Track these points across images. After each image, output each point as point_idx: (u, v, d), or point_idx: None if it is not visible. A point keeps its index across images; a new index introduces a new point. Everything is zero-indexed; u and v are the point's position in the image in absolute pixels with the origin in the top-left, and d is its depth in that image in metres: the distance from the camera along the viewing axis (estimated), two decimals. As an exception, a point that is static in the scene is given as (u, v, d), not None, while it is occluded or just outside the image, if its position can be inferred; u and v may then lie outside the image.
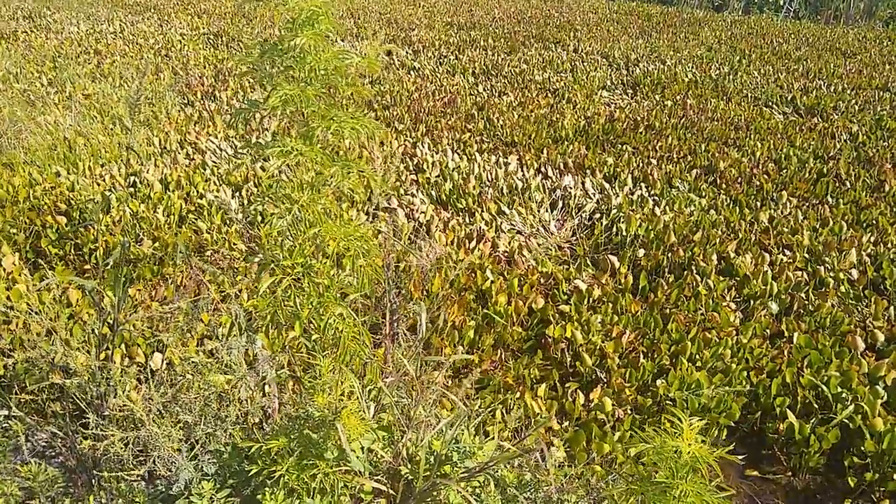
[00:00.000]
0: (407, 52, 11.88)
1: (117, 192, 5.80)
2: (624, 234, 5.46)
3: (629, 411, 3.72)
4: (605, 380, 3.93)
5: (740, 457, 3.64)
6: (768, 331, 4.33)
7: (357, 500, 2.26)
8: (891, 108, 8.91)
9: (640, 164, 6.88)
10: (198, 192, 5.92)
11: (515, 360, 4.08)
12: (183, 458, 2.14)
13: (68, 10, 14.73)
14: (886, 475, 3.40)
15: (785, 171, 6.77)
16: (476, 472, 2.16)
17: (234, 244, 5.15)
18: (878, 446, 3.44)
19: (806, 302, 4.57)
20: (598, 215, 5.90)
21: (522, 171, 6.71)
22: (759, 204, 6.08)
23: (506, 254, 5.17)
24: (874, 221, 5.72)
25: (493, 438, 3.04)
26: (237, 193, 5.99)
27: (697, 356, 4.03)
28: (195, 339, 3.50)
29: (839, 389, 3.76)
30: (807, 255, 5.16)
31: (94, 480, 2.55)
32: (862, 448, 3.48)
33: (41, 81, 9.18)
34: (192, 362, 2.54)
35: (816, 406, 3.75)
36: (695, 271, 4.89)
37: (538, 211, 5.95)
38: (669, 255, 5.10)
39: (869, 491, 3.45)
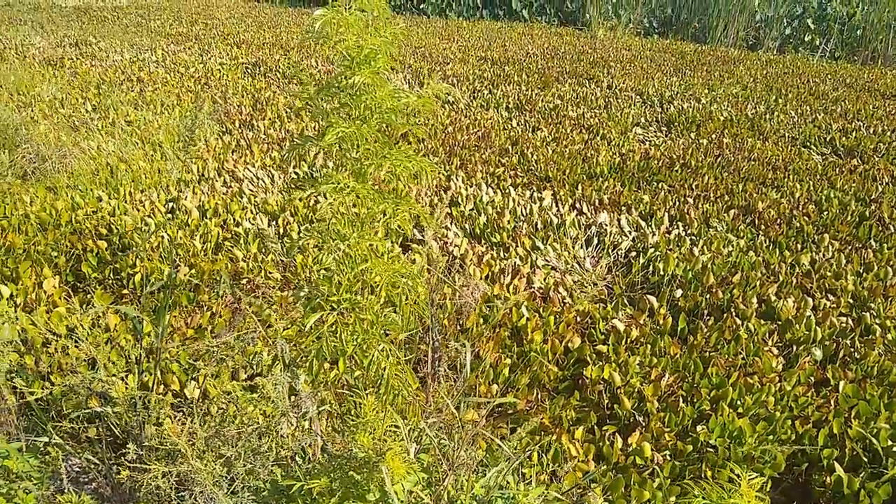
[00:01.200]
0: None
1: (156, 217, 5.88)
2: (661, 273, 5.38)
3: (668, 457, 3.62)
4: (643, 424, 3.83)
5: (785, 510, 3.51)
6: (812, 378, 4.21)
7: (397, 545, 2.21)
8: (933, 151, 8.75)
9: (677, 203, 6.81)
10: (234, 219, 5.98)
11: (551, 400, 4.00)
12: (223, 495, 2.11)
13: (112, 39, 15.18)
14: (942, 536, 3.25)
15: (826, 213, 6.65)
16: (521, 521, 2.10)
17: (270, 273, 5.18)
18: (932, 505, 3.30)
19: (851, 349, 4.44)
20: (633, 253, 5.83)
21: (557, 206, 6.69)
22: (799, 246, 5.97)
23: (541, 290, 5.12)
24: (920, 267, 5.57)
25: (530, 482, 2.98)
26: (273, 222, 6.04)
27: (739, 402, 3.92)
28: (230, 372, 3.50)
29: (889, 443, 3.62)
30: (851, 301, 5.03)
31: (130, 511, 2.53)
32: (915, 506, 3.34)
33: (85, 108, 9.42)
34: (234, 394, 2.53)
35: (865, 459, 3.61)
36: (734, 314, 4.79)
37: (573, 247, 5.90)
38: (708, 296, 5.01)
39: (923, 552, 3.30)
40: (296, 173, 7.39)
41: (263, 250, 5.58)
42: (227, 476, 2.26)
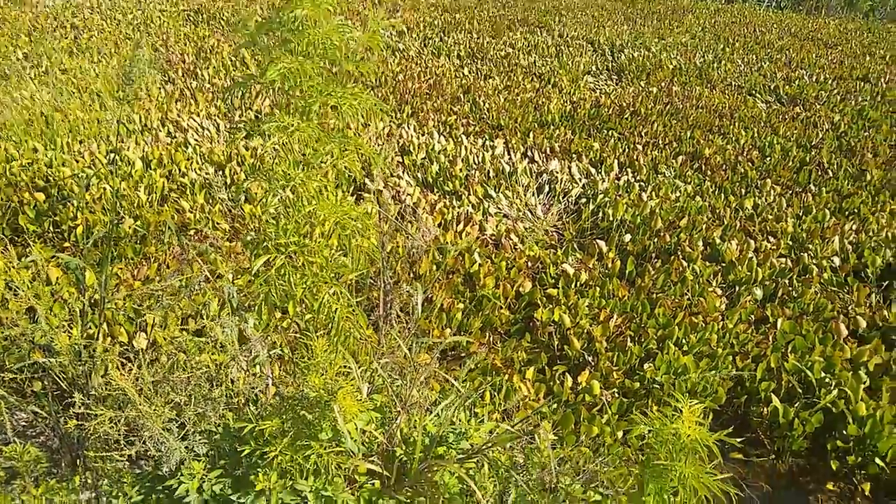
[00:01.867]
0: (391, 34, 11.73)
1: (97, 169, 5.67)
2: (611, 218, 5.47)
3: (617, 394, 3.74)
4: (592, 363, 3.94)
5: (723, 444, 3.67)
6: (753, 316, 4.37)
7: (351, 482, 2.24)
8: (872, 99, 9.00)
9: (626, 150, 6.88)
10: (180, 170, 5.81)
11: (503, 342, 4.07)
12: (174, 439, 2.09)
13: (43, -17, 14.32)
14: (868, 459, 3.46)
15: (769, 158, 6.82)
16: (473, 453, 2.15)
17: (218, 223, 5.07)
18: (860, 430, 3.50)
19: (790, 288, 4.62)
20: (584, 200, 5.89)
21: (509, 154, 6.69)
22: (743, 191, 6.12)
23: (493, 237, 5.15)
24: (856, 210, 5.79)
25: (484, 420, 3.04)
26: (220, 172, 5.89)
27: (684, 340, 4.06)
28: (180, 319, 3.44)
29: (823, 374, 3.81)
30: (790, 243, 5.20)
31: (79, 461, 2.50)
32: (844, 432, 3.53)
33: (16, 56, 8.93)
34: (181, 342, 2.49)
35: (800, 391, 3.79)
36: (681, 256, 4.91)
37: (525, 195, 5.93)
38: (656, 240, 5.12)
39: (851, 474, 3.51)
40: (242, 121, 7.19)
41: (211, 201, 5.45)
42: (178, 421, 2.24)
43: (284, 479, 2.14)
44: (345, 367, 2.24)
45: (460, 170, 6.14)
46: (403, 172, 6.16)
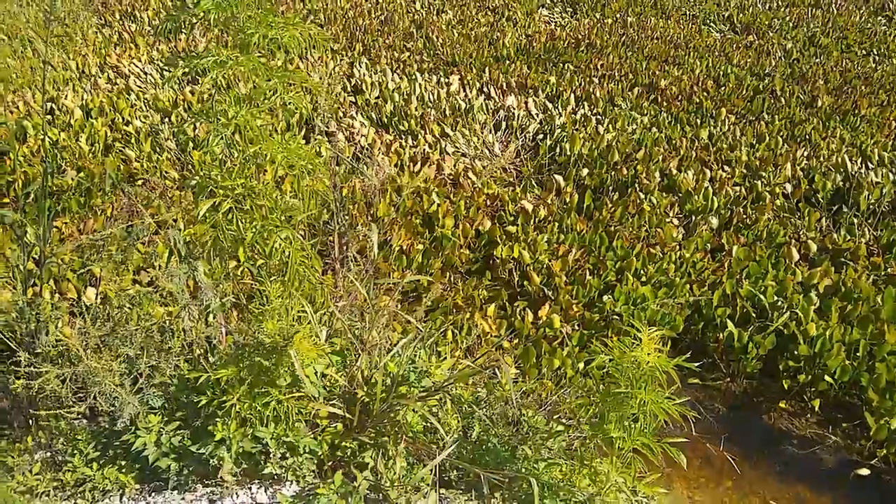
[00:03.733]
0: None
1: (33, 119, 5.38)
2: (568, 153, 5.43)
3: (577, 327, 3.78)
4: (552, 298, 3.96)
5: (681, 370, 3.77)
6: (709, 245, 4.43)
7: (313, 426, 2.22)
8: (822, 25, 9.02)
9: (582, 83, 6.80)
10: (123, 118, 5.56)
11: (464, 281, 4.06)
12: (126, 393, 2.04)
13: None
14: (817, 377, 3.58)
15: (723, 88, 6.82)
16: (434, 391, 2.14)
17: (167, 172, 4.89)
18: (810, 350, 3.61)
19: (744, 216, 4.69)
20: (541, 136, 5.83)
21: (465, 91, 6.55)
22: (699, 121, 6.12)
23: (451, 176, 5.08)
24: (807, 136, 5.85)
25: (446, 358, 3.04)
26: (167, 119, 5.65)
27: (642, 271, 4.10)
28: (131, 270, 3.33)
29: (775, 298, 3.90)
30: (745, 171, 5.25)
31: (31, 421, 2.43)
32: (796, 353, 3.64)
33: (-65, -1, 8.33)
34: (130, 294, 2.41)
35: (754, 315, 3.89)
36: (638, 189, 4.92)
37: (482, 132, 5.84)
38: (613, 173, 5.12)
39: (801, 392, 3.64)
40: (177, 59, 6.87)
41: (158, 149, 5.24)
42: (130, 375, 2.18)
43: (244, 427, 2.11)
44: (301, 311, 2.20)
45: (415, 108, 6.00)
46: (357, 112, 6.00)
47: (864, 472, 3.25)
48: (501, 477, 2.14)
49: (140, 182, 4.85)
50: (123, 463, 2.22)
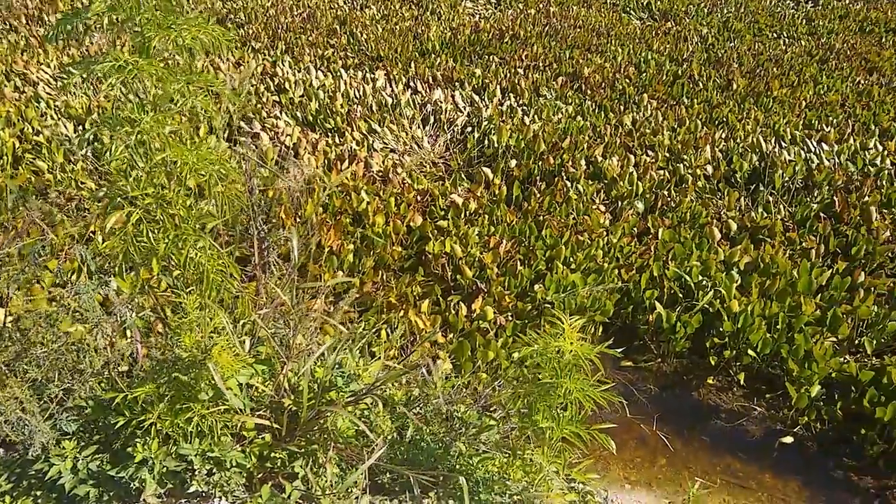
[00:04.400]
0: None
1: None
2: (496, 145, 5.46)
3: (510, 317, 3.80)
4: (485, 290, 3.97)
5: (618, 350, 3.84)
6: (636, 229, 4.53)
7: (240, 439, 2.16)
8: (736, 10, 9.34)
9: (508, 75, 6.85)
10: (33, 128, 5.29)
11: (397, 279, 4.03)
12: (38, 420, 1.93)
13: None
14: (742, 351, 3.71)
15: (644, 74, 6.98)
16: (362, 394, 2.11)
17: (83, 182, 4.68)
18: (734, 326, 3.73)
19: (668, 199, 4.80)
20: (469, 128, 5.84)
21: (391, 86, 6.50)
22: (622, 108, 6.25)
23: (380, 173, 5.03)
24: (724, 119, 6.05)
25: (379, 359, 3.01)
26: (80, 127, 5.41)
27: (572, 259, 4.16)
28: (45, 288, 3.17)
29: (700, 278, 4.01)
30: (667, 155, 5.39)
31: (-63, 455, 2.28)
32: (721, 329, 3.76)
33: None
34: (39, 314, 2.28)
35: (681, 295, 3.99)
36: (565, 177, 4.99)
37: (410, 127, 5.81)
38: (540, 163, 5.17)
39: (728, 367, 3.76)
40: (71, 64, 6.59)
41: (72, 159, 5.01)
42: (41, 400, 2.07)
43: (167, 445, 2.03)
44: (220, 322, 2.13)
45: (341, 105, 5.92)
46: (281, 112, 5.88)
47: (788, 439, 3.39)
48: (435, 476, 2.13)
49: (54, 194, 4.63)
50: (39, 493, 2.11)
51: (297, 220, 4.29)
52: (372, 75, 6.71)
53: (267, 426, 2.16)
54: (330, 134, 5.61)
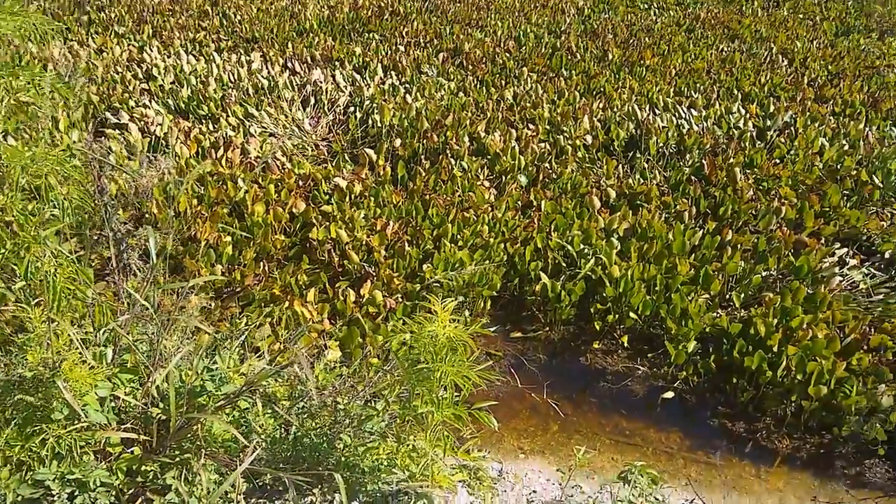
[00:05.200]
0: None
1: None
2: (379, 125, 5.38)
3: (400, 299, 3.78)
4: (374, 273, 3.92)
5: (504, 326, 3.91)
6: (520, 203, 4.59)
7: (106, 456, 2.03)
8: (610, -19, 9.60)
9: (389, 52, 6.75)
10: None
11: (281, 269, 3.91)
12: None
13: None
14: (624, 315, 3.85)
15: (524, 48, 7.06)
16: (234, 397, 2.02)
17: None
18: (616, 291, 3.87)
19: (550, 171, 4.90)
20: (351, 108, 5.73)
21: (267, 68, 6.27)
22: (503, 82, 6.30)
23: (259, 159, 4.85)
24: (602, 89, 6.22)
25: (262, 355, 2.91)
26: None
27: (458, 236, 4.17)
28: None
29: (582, 246, 4.13)
30: (548, 127, 5.49)
31: None
32: (604, 295, 3.89)
33: None
34: None
35: (564, 265, 4.09)
36: (449, 154, 4.98)
37: (290, 110, 5.63)
38: (424, 141, 5.14)
39: (612, 331, 3.90)
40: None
41: None
42: None
43: (20, 472, 1.88)
44: (76, 334, 1.98)
45: (214, 90, 5.66)
46: (150, 100, 5.55)
47: (669, 395, 3.56)
48: (319, 472, 2.08)
49: None
50: None
51: (173, 213, 4.07)
52: (247, 57, 6.44)
53: (135, 439, 2.03)
54: (204, 121, 5.35)
